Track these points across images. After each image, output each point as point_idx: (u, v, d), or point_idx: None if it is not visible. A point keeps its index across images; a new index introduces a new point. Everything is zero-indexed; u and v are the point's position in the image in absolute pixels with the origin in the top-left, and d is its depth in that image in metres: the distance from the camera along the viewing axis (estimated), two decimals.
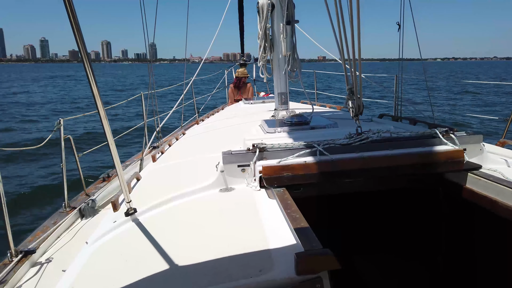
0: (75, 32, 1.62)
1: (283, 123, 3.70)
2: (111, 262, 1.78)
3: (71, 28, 1.61)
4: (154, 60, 5.41)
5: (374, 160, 2.56)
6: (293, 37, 4.02)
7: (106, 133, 1.90)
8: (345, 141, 2.68)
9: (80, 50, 1.69)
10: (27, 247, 2.76)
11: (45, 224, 3.22)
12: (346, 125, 3.56)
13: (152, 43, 4.34)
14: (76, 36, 1.63)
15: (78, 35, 1.63)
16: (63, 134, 3.54)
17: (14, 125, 17.34)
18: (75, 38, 1.64)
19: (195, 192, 2.45)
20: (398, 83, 5.48)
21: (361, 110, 2.88)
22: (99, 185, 4.00)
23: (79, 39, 1.65)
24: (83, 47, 1.68)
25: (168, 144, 4.42)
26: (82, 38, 1.66)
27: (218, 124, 5.16)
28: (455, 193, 2.57)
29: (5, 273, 2.45)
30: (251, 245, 1.66)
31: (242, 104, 6.85)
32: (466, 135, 2.81)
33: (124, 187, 2.09)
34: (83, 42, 1.68)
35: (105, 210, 3.46)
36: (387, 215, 3.39)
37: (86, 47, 1.71)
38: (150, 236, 1.92)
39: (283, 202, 2.05)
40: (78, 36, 1.63)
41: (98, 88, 1.77)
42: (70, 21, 1.60)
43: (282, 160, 2.52)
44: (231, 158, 2.54)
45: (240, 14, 5.60)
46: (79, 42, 1.66)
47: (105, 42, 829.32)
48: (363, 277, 3.39)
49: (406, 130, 3.04)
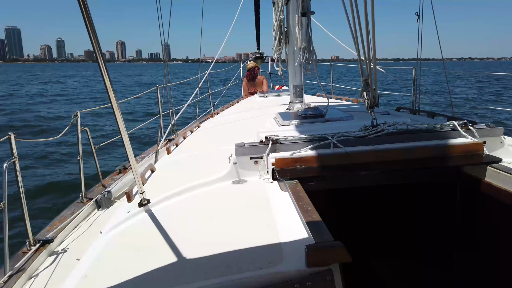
0: (89, 29, 1.64)
1: (297, 115, 3.67)
2: (124, 252, 1.80)
3: (86, 27, 1.63)
4: (168, 60, 5.46)
5: (389, 152, 2.51)
6: (308, 29, 3.96)
7: (120, 126, 1.92)
8: (360, 133, 2.64)
9: (93, 42, 1.70)
10: (45, 236, 2.83)
11: (62, 214, 3.30)
12: (362, 118, 3.51)
13: (166, 43, 4.37)
14: (89, 31, 1.65)
15: (91, 31, 1.65)
16: (80, 126, 3.59)
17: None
18: (88, 34, 1.66)
19: (208, 184, 2.45)
20: (416, 76, 5.38)
21: (377, 102, 2.83)
22: (115, 176, 4.06)
23: (92, 33, 1.66)
24: (95, 40, 1.70)
25: (183, 137, 4.45)
26: (95, 32, 1.68)
27: (233, 117, 5.16)
28: (473, 187, 2.50)
29: (23, 261, 2.52)
30: (262, 237, 1.66)
31: (257, 97, 6.82)
32: (486, 127, 2.73)
33: (138, 178, 2.11)
34: (96, 36, 1.70)
35: (121, 201, 3.51)
36: (401, 209, 3.34)
37: (98, 40, 1.72)
38: (162, 227, 1.93)
39: (295, 194, 2.04)
40: (91, 30, 1.65)
41: (110, 80, 1.78)
42: (84, 21, 1.62)
43: (295, 152, 2.50)
44: (244, 150, 2.53)
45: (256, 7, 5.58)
46: (92, 36, 1.68)
47: (119, 42, 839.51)
48: (373, 271, 3.36)
49: (424, 123, 2.99)
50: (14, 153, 2.65)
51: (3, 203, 2.41)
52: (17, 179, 2.70)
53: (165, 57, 4.84)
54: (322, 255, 1.37)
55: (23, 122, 17.01)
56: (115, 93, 1.83)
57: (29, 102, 25.59)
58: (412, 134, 2.63)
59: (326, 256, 1.37)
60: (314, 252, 1.36)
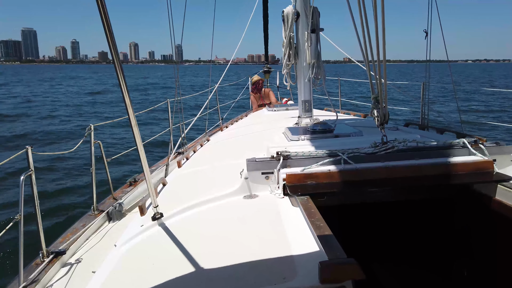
0: (107, 33, 1.66)
1: (306, 130, 3.70)
2: (139, 265, 1.84)
3: (104, 31, 1.66)
4: (180, 61, 5.44)
5: (399, 169, 2.53)
6: (317, 45, 4.02)
7: (136, 139, 1.96)
8: (370, 150, 2.66)
9: (115, 61, 1.74)
10: (57, 248, 2.86)
11: (74, 226, 3.33)
12: (371, 134, 3.52)
13: (178, 44, 4.41)
14: (109, 41, 1.68)
15: (110, 38, 1.68)
16: (93, 140, 3.66)
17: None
18: (108, 42, 1.68)
19: (220, 198, 2.48)
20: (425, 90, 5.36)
21: (387, 119, 2.86)
22: (126, 189, 4.11)
23: (112, 44, 1.70)
24: (116, 56, 1.74)
25: (193, 150, 4.49)
26: (115, 43, 1.72)
27: (242, 130, 5.21)
28: (483, 205, 2.50)
29: (37, 273, 2.55)
30: (274, 252, 1.68)
31: (265, 111, 6.89)
32: (496, 145, 2.74)
33: (152, 192, 2.15)
34: (116, 49, 1.73)
35: (132, 214, 3.56)
36: (412, 225, 3.33)
37: (118, 55, 1.77)
38: (176, 241, 1.96)
39: (307, 210, 2.05)
40: (111, 41, 1.68)
41: (129, 94, 1.82)
42: (103, 23, 1.64)
43: (306, 168, 2.53)
44: (255, 165, 2.57)
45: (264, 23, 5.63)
46: (112, 47, 1.71)
47: (132, 43, 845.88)
48: (382, 283, 3.35)
49: (433, 139, 2.99)
50: (31, 166, 2.69)
51: (19, 215, 2.46)
52: (33, 192, 2.75)
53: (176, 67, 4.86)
54: (336, 272, 1.39)
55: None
56: (133, 106, 1.86)
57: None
58: (422, 151, 2.65)
59: (339, 272, 1.39)
60: (327, 269, 1.38)
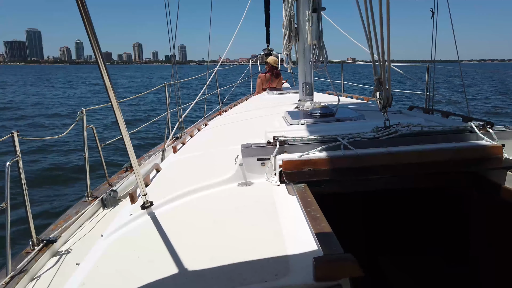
0: (87, 29, 1.63)
1: (307, 114, 3.57)
2: (124, 257, 1.75)
3: (85, 29, 1.62)
4: (183, 61, 5.35)
5: (402, 155, 2.39)
6: (319, 26, 3.87)
7: (121, 128, 1.87)
8: (372, 134, 2.53)
9: (91, 41, 1.68)
10: (49, 236, 2.78)
11: (67, 213, 3.25)
12: (374, 118, 3.39)
13: (182, 45, 4.32)
14: (87, 31, 1.63)
15: (90, 31, 1.64)
16: (86, 124, 3.56)
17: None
18: (87, 34, 1.64)
19: (213, 186, 2.38)
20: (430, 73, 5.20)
21: (390, 102, 2.72)
22: (121, 175, 4.01)
23: (91, 34, 1.64)
24: (94, 40, 1.67)
25: (190, 135, 4.39)
26: (94, 32, 1.66)
27: (241, 115, 5.09)
28: (492, 192, 2.39)
29: (26, 262, 2.47)
30: (267, 246, 1.59)
31: (266, 94, 6.73)
32: (505, 129, 2.60)
33: (140, 180, 2.06)
34: (95, 36, 1.68)
35: (127, 201, 3.46)
36: (416, 214, 3.21)
37: (98, 40, 1.70)
38: (164, 232, 1.88)
39: (303, 199, 1.95)
40: (90, 30, 1.62)
41: (110, 79, 1.73)
42: (83, 22, 1.61)
43: (304, 154, 2.40)
44: (251, 151, 2.45)
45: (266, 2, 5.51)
46: (91, 36, 1.65)
47: (136, 44, 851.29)
48: (387, 279, 3.23)
49: (439, 123, 2.85)
50: (18, 152, 2.60)
51: (5, 203, 2.37)
52: (21, 178, 2.65)
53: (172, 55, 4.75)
54: (331, 269, 1.29)
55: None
56: (115, 93, 1.77)
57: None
58: (426, 136, 2.51)
59: (335, 270, 1.29)
60: (322, 265, 1.28)
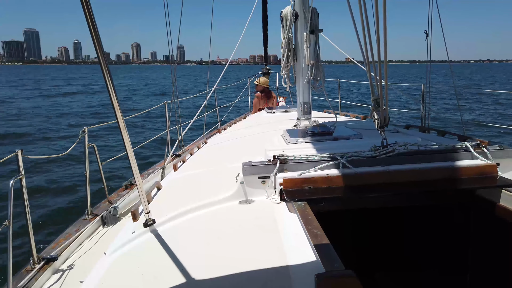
0: (92, 34, 1.61)
1: (305, 133, 3.62)
2: (128, 274, 1.77)
3: (90, 32, 1.59)
4: (181, 62, 5.34)
5: (400, 174, 2.45)
6: (316, 46, 3.94)
7: (126, 145, 1.89)
8: (370, 153, 2.59)
9: (102, 68, 1.67)
10: (49, 254, 2.79)
11: (67, 231, 3.26)
12: (371, 136, 3.44)
13: (180, 45, 4.34)
14: (93, 37, 1.61)
15: (95, 37, 1.61)
16: (87, 142, 3.59)
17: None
18: (92, 40, 1.62)
19: (214, 203, 2.41)
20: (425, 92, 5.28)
21: (387, 122, 2.77)
22: (121, 193, 4.04)
23: (99, 49, 1.63)
24: (105, 64, 1.67)
25: (190, 153, 4.42)
26: (102, 48, 1.65)
27: (240, 133, 5.13)
28: (487, 210, 2.43)
29: (27, 280, 2.48)
30: (269, 263, 1.62)
31: (264, 113, 6.79)
32: (500, 149, 2.66)
33: (143, 199, 2.08)
34: (103, 53, 1.67)
35: (127, 218, 3.49)
36: (413, 231, 3.25)
37: (107, 61, 1.70)
38: (167, 250, 1.90)
39: (304, 217, 1.98)
40: (95, 35, 1.61)
41: (118, 99, 1.76)
42: (88, 25, 1.59)
43: (304, 173, 2.45)
44: (251, 169, 2.50)
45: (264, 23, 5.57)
46: (99, 53, 1.65)
47: (135, 44, 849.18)
48: None
49: (435, 142, 2.90)
50: (21, 170, 2.63)
51: (7, 221, 2.38)
52: (24, 196, 2.68)
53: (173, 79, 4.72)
54: (333, 285, 1.32)
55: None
56: (122, 113, 1.79)
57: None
58: (423, 155, 2.57)
59: (336, 286, 1.33)
60: (324, 282, 1.32)
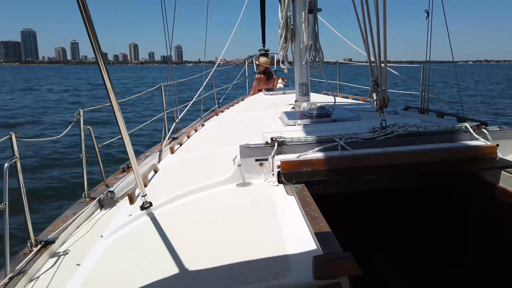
0: (88, 29, 1.61)
1: (303, 115, 3.59)
2: (124, 258, 1.76)
3: (85, 29, 1.60)
4: (179, 62, 5.35)
5: (399, 156, 2.42)
6: (315, 26, 3.88)
7: (120, 128, 1.87)
8: (369, 135, 2.55)
9: (91, 39, 1.66)
10: (47, 237, 2.78)
11: (65, 214, 3.25)
12: (370, 118, 3.42)
13: (177, 45, 4.32)
14: (88, 32, 1.62)
15: (91, 32, 1.62)
16: (83, 125, 3.56)
17: None
18: (88, 35, 1.62)
19: (212, 186, 2.39)
20: (425, 73, 5.23)
21: (386, 103, 2.74)
22: (118, 176, 4.01)
23: (91, 34, 1.63)
24: (95, 40, 1.66)
25: (187, 136, 4.39)
26: (95, 32, 1.65)
27: (238, 115, 5.10)
28: (486, 192, 2.41)
29: (24, 263, 2.47)
30: (267, 246, 1.60)
31: (262, 95, 6.72)
32: (499, 129, 2.63)
33: (139, 181, 2.07)
34: (95, 36, 1.66)
35: (124, 201, 3.46)
36: (412, 214, 3.24)
37: (98, 40, 1.69)
38: (164, 233, 1.89)
39: (301, 199, 1.96)
40: (91, 30, 1.61)
41: (110, 79, 1.73)
42: (84, 23, 1.59)
43: (302, 155, 2.42)
44: (249, 152, 2.47)
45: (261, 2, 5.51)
46: (91, 37, 1.64)
47: (132, 44, 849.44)
48: (384, 279, 3.25)
49: (434, 123, 2.88)
50: (15, 153, 2.62)
51: (3, 204, 2.38)
52: (19, 180, 2.66)
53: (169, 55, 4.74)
54: (331, 267, 1.31)
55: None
56: (115, 94, 1.78)
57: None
58: (422, 136, 2.54)
59: (334, 268, 1.32)
60: (322, 264, 1.31)
